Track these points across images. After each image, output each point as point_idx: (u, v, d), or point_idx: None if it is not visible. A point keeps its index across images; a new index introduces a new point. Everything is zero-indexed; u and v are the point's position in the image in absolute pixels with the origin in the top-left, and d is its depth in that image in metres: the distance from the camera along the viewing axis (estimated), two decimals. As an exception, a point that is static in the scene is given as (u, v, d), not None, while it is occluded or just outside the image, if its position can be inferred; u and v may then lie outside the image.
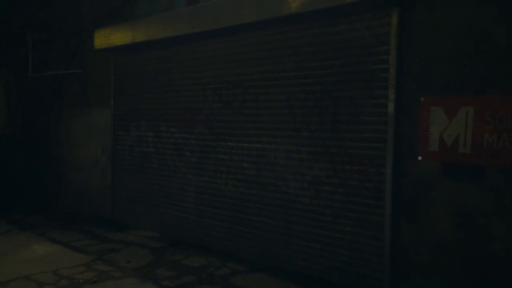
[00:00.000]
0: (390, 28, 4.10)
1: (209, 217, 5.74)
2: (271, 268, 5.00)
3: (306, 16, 4.56)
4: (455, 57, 3.82)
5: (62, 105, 7.94)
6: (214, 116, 5.64)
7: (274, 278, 4.76)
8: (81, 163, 7.57)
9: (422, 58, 3.98)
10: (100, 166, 7.20)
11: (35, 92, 8.55)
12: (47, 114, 8.26)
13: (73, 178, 7.78)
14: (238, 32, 5.23)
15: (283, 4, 4.54)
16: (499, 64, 3.61)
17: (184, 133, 6.00)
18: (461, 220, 3.79)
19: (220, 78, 5.54)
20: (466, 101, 3.75)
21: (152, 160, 6.40)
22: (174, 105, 6.09)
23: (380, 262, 4.21)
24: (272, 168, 5.06)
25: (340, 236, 4.48)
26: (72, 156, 7.76)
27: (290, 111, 4.85)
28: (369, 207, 4.28)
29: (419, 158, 3.99)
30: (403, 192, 4.10)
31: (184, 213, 6.05)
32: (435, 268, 3.94)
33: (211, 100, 5.65)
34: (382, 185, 4.19)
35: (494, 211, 3.64)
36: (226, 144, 5.52)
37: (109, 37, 6.48)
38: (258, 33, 5.08)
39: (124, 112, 6.77)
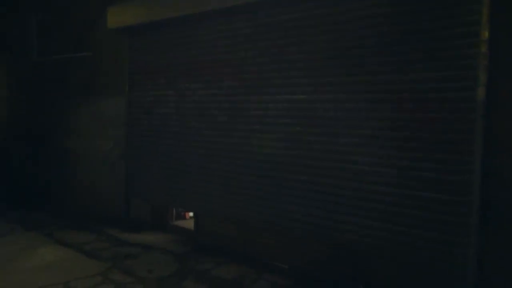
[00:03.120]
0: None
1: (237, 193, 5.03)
2: (318, 280, 4.33)
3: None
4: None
5: (68, 93, 7.20)
6: (247, 66, 4.91)
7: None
8: (91, 156, 6.86)
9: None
10: (113, 159, 6.51)
11: (39, 79, 7.82)
12: (52, 102, 7.53)
13: (82, 172, 7.07)
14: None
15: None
16: None
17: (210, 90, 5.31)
18: None
19: (254, 21, 4.80)
20: None
21: (174, 151, 5.69)
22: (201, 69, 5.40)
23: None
24: (320, 122, 4.29)
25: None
26: (81, 149, 7.04)
27: (344, 53, 4.12)
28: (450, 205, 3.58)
29: None
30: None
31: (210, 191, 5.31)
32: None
33: (243, 48, 4.93)
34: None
35: None
36: (262, 98, 4.79)
37: (124, 15, 5.75)
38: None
39: (141, 99, 6.06)
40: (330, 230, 4.14)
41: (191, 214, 6.34)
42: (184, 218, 6.37)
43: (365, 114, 3.97)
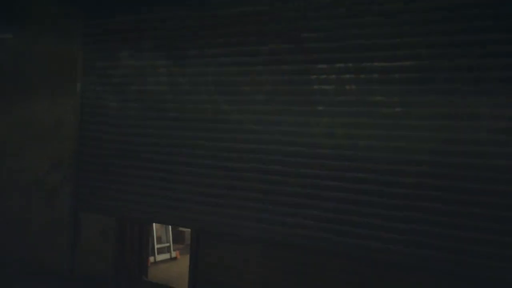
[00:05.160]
0: None
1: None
2: None
3: None
4: None
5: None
6: (306, 20, 2.84)
7: None
8: (19, 182, 4.48)
9: None
10: (51, 185, 4.26)
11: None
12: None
13: (3, 204, 4.66)
14: None
15: None
16: None
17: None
18: None
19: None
20: None
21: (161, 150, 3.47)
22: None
23: None
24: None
25: None
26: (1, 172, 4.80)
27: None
28: None
29: None
30: None
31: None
32: None
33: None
34: None
35: None
36: (331, 67, 2.75)
37: None
38: None
39: (109, 73, 3.80)
40: None
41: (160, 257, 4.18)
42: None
43: None
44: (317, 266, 2.91)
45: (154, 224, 4.75)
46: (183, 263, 4.93)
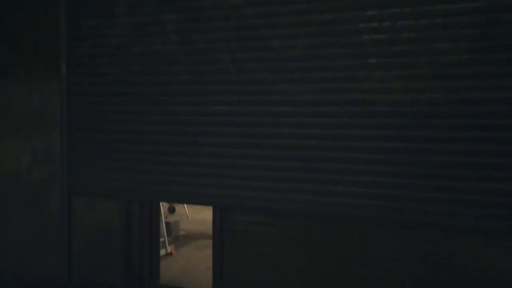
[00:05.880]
0: None
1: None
2: None
3: None
4: None
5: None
6: None
7: None
8: None
9: None
10: (30, 186, 3.59)
11: None
12: None
13: None
14: None
15: None
16: None
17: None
18: None
19: None
20: None
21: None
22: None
23: None
24: None
25: None
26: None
27: None
28: None
29: None
30: None
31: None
32: None
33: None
34: None
35: None
36: (384, 14, 2.41)
37: None
38: None
39: (97, 69, 3.24)
40: None
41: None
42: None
43: None
44: (364, 239, 2.57)
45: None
46: (181, 259, 4.44)
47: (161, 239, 4.40)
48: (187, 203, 3.04)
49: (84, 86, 3.25)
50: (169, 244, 4.64)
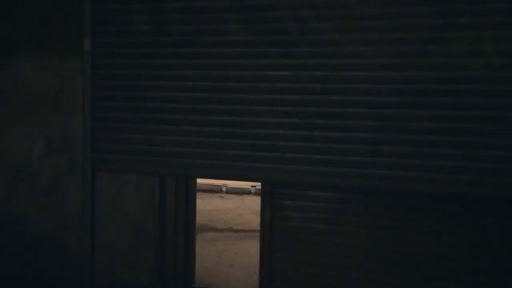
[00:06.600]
0: None
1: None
2: None
3: None
4: None
5: None
6: None
7: None
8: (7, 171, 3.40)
9: None
10: (45, 177, 3.24)
11: None
12: None
13: None
14: None
15: None
16: None
17: None
18: None
19: None
20: None
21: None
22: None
23: None
24: None
25: None
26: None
27: None
28: None
29: None
30: None
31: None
32: None
33: None
34: None
35: None
36: None
37: None
38: None
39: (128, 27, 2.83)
40: None
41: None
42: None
43: None
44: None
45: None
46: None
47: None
48: (236, 179, 2.75)
49: (111, 58, 2.86)
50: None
